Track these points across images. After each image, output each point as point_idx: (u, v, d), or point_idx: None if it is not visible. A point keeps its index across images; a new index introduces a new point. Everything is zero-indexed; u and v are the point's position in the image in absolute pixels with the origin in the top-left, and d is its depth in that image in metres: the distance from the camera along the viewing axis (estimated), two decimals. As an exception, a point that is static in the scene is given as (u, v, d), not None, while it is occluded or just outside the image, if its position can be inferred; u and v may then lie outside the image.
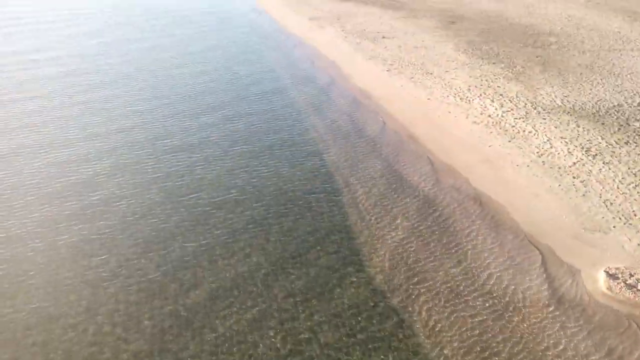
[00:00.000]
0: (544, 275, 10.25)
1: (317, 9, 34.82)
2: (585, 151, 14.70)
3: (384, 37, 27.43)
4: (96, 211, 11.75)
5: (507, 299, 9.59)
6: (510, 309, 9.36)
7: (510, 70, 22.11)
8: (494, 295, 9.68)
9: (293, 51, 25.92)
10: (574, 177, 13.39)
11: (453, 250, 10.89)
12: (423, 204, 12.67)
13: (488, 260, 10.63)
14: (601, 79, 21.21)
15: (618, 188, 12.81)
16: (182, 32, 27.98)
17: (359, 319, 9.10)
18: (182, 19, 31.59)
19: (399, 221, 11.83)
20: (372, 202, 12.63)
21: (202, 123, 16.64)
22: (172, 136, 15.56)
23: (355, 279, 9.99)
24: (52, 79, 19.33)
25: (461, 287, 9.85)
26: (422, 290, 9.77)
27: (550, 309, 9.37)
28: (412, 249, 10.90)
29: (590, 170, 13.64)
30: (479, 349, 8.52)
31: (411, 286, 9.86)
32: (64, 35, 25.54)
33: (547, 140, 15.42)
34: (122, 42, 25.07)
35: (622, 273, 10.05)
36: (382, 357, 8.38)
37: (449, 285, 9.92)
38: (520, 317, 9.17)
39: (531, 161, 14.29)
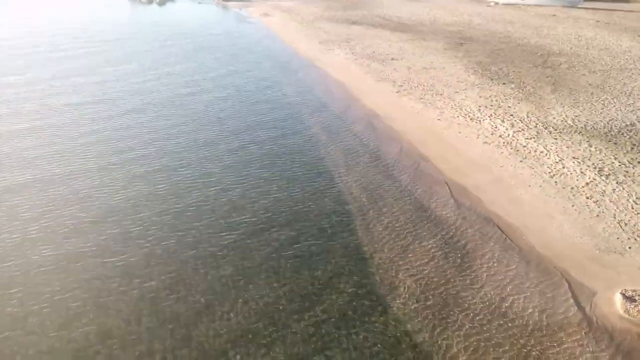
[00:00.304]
0: (562, 299, 10.08)
1: (327, 32, 35.25)
2: (598, 171, 14.58)
3: (393, 59, 27.64)
4: (115, 243, 11.75)
5: (529, 326, 9.42)
6: (533, 337, 9.19)
7: (521, 91, 22.12)
8: (515, 322, 9.51)
9: (304, 74, 26.19)
10: (587, 198, 13.26)
11: (470, 276, 10.74)
12: (436, 226, 12.58)
13: (506, 285, 10.47)
14: (612, 99, 21.14)
15: (633, 208, 12.65)
16: (198, 58, 28.35)
17: (375, 349, 8.96)
18: (198, 45, 32.04)
19: (413, 246, 11.72)
20: (385, 225, 12.55)
21: (218, 150, 16.68)
22: (189, 163, 15.57)
23: (370, 308, 9.85)
24: (71, 107, 19.46)
25: (480, 315, 9.67)
26: (440, 320, 9.61)
27: (576, 337, 9.18)
28: (429, 275, 10.74)
29: (604, 191, 13.50)
30: (495, 375, 8.36)
31: (429, 316, 9.70)
32: (84, 63, 25.93)
33: (559, 160, 15.33)
34: (139, 69, 25.39)
35: (639, 295, 9.86)
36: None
37: (467, 313, 9.75)
38: (543, 346, 8.99)
39: (544, 181, 14.18)
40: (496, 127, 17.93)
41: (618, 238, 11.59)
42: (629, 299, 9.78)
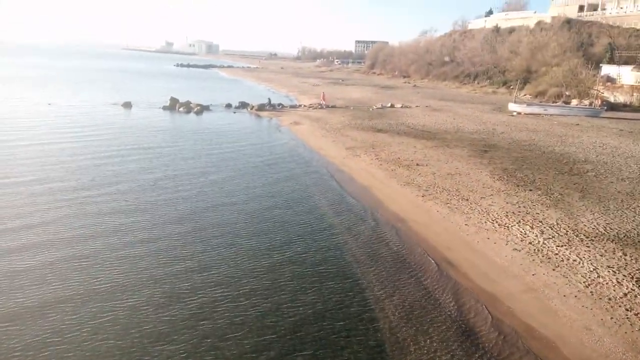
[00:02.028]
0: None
1: (353, 139, 36.54)
2: (636, 281, 13.95)
3: (418, 165, 28.19)
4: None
5: None
6: None
7: (548, 197, 22.00)
8: None
9: (331, 179, 26.78)
10: (626, 309, 12.56)
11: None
12: (466, 338, 11.98)
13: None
14: (644, 206, 20.76)
15: (678, 322, 11.87)
16: (234, 165, 29.31)
17: None
18: (234, 152, 33.17)
19: None
20: (419, 345, 11.86)
21: (248, 256, 16.69)
22: (222, 274, 15.46)
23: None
24: (108, 215, 19.61)
25: None
26: None
27: None
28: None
29: (645, 302, 12.80)
30: None
31: None
32: (122, 170, 26.78)
33: (594, 269, 14.79)
34: (177, 177, 25.96)
35: (697, 422, 8.92)
36: None
37: None
38: None
39: (578, 291, 13.58)
40: (526, 234, 17.64)
41: (665, 355, 10.76)
42: None
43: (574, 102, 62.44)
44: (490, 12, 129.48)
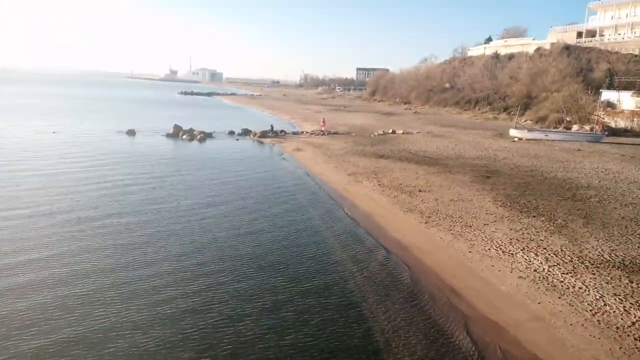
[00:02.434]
0: None
1: (355, 165, 36.65)
2: (644, 310, 13.76)
3: (420, 191, 28.18)
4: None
5: None
6: None
7: (552, 224, 21.90)
8: None
9: (332, 205, 26.78)
10: (635, 339, 12.36)
11: None
12: (471, 367, 11.78)
13: None
14: (649, 232, 20.63)
15: (688, 352, 11.66)
16: (239, 194, 29.24)
17: None
18: (239, 180, 33.25)
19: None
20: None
21: (249, 284, 16.66)
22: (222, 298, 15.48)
23: None
24: (110, 249, 19.23)
25: None
26: None
27: None
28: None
29: (653, 332, 12.60)
30: None
31: None
32: (124, 200, 26.61)
33: (600, 297, 14.61)
34: (180, 207, 25.68)
35: None
36: None
37: None
38: None
39: (585, 320, 13.39)
40: (530, 261, 17.50)
41: (676, 387, 10.54)
42: None
43: (575, 127, 62.69)
44: (489, 39, 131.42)
